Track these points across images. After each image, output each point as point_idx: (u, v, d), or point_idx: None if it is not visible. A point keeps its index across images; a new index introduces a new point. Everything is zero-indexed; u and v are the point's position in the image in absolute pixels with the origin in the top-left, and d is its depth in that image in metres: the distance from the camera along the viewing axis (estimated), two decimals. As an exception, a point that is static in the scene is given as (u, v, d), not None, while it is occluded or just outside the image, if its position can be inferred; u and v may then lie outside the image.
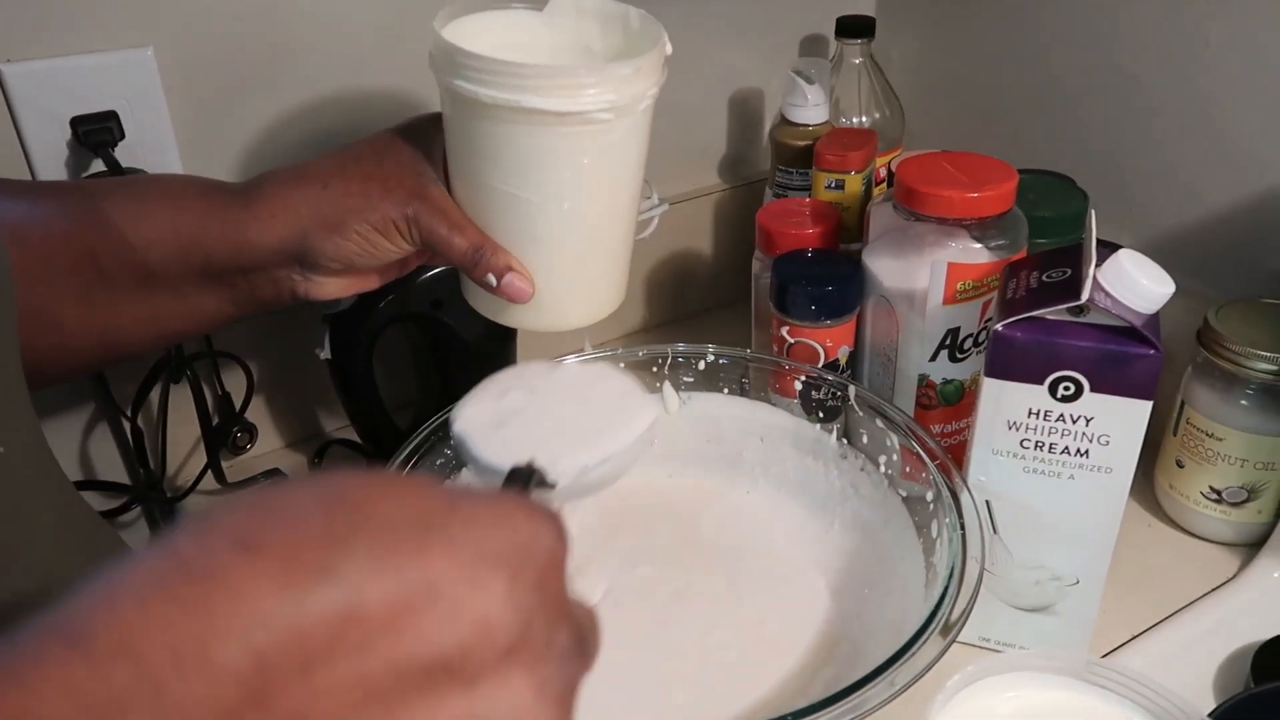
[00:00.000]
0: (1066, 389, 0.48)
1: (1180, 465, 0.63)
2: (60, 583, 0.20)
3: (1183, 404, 0.63)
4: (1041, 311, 0.47)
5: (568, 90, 0.44)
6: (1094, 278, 0.46)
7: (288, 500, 0.22)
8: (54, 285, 0.45)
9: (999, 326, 0.48)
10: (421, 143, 0.50)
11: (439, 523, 0.22)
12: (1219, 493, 0.62)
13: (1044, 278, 0.49)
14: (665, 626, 0.54)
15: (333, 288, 0.50)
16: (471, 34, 0.48)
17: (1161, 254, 0.70)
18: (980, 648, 0.57)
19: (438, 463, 0.58)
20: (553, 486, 0.34)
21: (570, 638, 0.25)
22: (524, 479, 0.32)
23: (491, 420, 0.37)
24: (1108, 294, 0.46)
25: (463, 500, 0.23)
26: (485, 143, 0.46)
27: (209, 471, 0.69)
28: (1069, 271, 0.48)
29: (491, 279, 0.48)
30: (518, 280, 0.49)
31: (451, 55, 0.45)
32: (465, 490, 0.25)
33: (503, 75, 0.43)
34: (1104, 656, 0.57)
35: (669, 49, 0.47)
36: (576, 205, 0.48)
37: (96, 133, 0.59)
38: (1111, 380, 0.47)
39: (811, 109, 0.74)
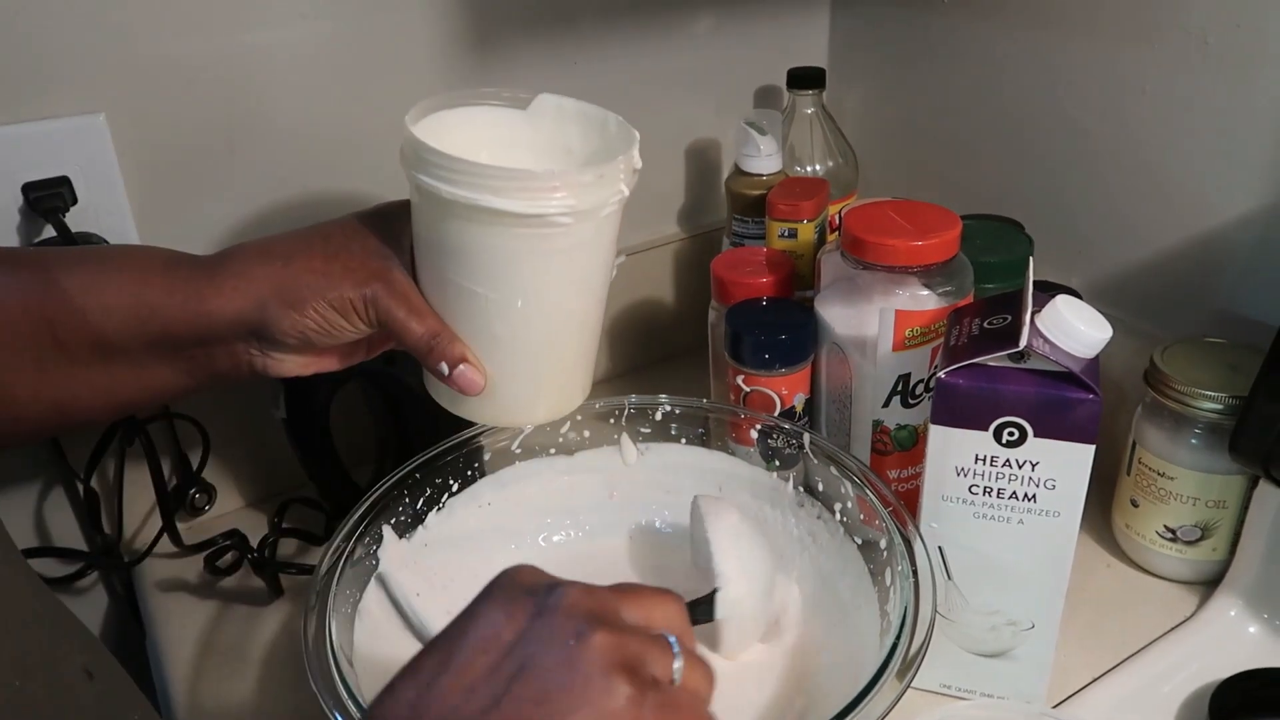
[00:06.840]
0: (1011, 434, 0.48)
1: (1135, 505, 0.64)
2: None
3: (1134, 444, 0.63)
4: (983, 358, 0.48)
5: (528, 193, 0.44)
6: (1032, 324, 0.47)
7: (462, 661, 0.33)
8: (9, 356, 0.45)
9: (942, 374, 0.48)
10: (390, 229, 0.50)
11: None
12: (1173, 531, 0.62)
13: (985, 324, 0.50)
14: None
15: (291, 365, 0.50)
16: (452, 126, 0.48)
17: (1109, 295, 0.72)
18: (942, 694, 0.57)
19: (392, 521, 0.57)
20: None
21: None
22: None
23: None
24: (1046, 340, 0.47)
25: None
26: (446, 238, 0.46)
27: (164, 535, 0.68)
28: (1009, 318, 0.49)
29: (444, 368, 0.48)
30: (470, 372, 0.49)
31: (416, 150, 0.45)
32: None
33: (463, 174, 0.43)
34: (1066, 699, 0.56)
35: (638, 162, 0.47)
36: (534, 305, 0.48)
37: (48, 198, 0.59)
38: (1053, 425, 0.47)
39: (764, 159, 0.75)
